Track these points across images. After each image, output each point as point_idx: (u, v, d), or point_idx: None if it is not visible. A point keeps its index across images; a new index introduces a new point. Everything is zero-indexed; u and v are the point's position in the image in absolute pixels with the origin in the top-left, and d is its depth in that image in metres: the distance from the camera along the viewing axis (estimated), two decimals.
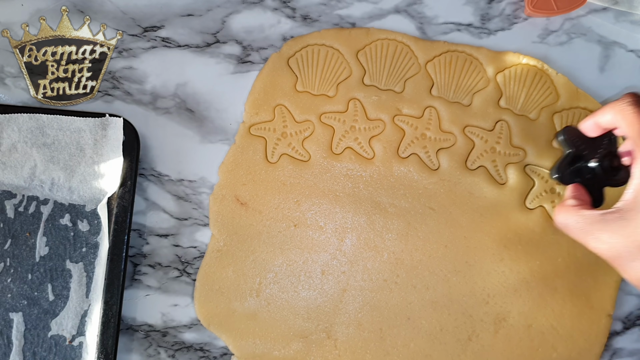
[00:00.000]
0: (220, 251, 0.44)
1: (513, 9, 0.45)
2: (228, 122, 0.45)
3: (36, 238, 0.42)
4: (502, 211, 0.43)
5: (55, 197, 0.43)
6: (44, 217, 0.43)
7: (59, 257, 0.42)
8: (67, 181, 0.42)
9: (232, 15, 0.45)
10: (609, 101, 0.44)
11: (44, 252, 0.42)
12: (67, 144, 0.42)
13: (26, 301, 0.42)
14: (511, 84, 0.44)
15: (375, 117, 0.44)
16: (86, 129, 0.42)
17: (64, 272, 0.42)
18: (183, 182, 0.44)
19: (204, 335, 0.44)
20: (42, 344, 0.42)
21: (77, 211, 0.43)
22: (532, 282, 0.43)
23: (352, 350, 0.43)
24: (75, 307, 0.42)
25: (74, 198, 0.43)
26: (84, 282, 0.42)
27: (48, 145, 0.42)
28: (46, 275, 0.42)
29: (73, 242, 0.43)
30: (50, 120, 0.42)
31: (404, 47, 0.44)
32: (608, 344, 0.44)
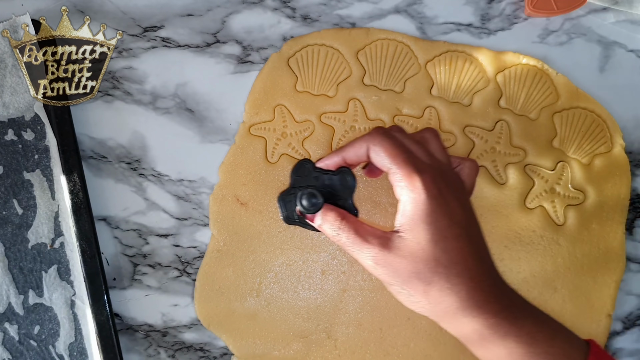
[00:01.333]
0: (220, 251, 0.44)
1: (513, 9, 0.45)
2: (228, 122, 0.45)
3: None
4: (502, 211, 0.43)
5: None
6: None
7: (14, 172, 0.43)
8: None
9: (232, 15, 0.45)
10: (609, 102, 0.44)
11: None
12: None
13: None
14: (511, 84, 0.44)
15: (375, 117, 0.44)
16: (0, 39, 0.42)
17: (24, 183, 0.43)
18: (183, 182, 0.44)
19: (204, 335, 0.44)
20: (26, 257, 0.43)
21: (17, 124, 0.43)
22: (532, 282, 0.43)
23: (352, 350, 0.43)
24: (46, 212, 0.43)
25: (11, 112, 0.43)
26: (46, 186, 0.43)
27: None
28: (8, 192, 0.43)
29: (23, 153, 0.43)
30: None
31: (404, 47, 0.44)
32: (608, 344, 0.44)
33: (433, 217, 0.32)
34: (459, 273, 0.31)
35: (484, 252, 0.33)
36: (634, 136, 0.44)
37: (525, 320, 0.32)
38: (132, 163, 0.44)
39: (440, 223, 0.32)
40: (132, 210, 0.44)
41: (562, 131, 0.44)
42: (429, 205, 0.32)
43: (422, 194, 0.32)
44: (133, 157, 0.44)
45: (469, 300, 0.31)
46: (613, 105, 0.44)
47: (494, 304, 0.32)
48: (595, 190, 0.43)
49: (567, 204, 0.43)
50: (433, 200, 0.32)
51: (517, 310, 0.32)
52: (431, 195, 0.32)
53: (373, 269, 0.33)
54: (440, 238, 0.32)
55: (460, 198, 0.33)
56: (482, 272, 0.32)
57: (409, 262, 0.32)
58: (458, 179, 0.35)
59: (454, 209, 0.32)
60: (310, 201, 0.36)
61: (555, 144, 0.44)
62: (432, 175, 0.32)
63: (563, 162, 0.44)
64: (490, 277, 0.33)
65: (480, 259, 0.32)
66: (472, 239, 0.33)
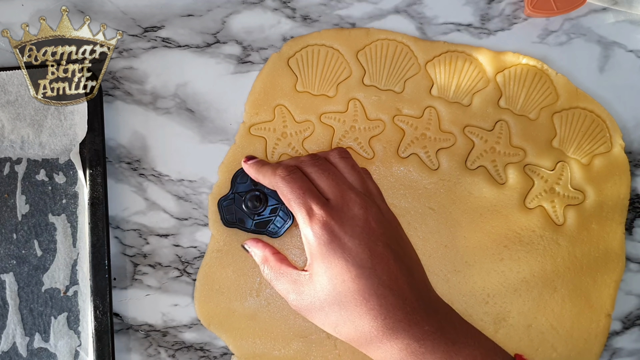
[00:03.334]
0: (221, 251, 0.44)
1: (513, 10, 0.45)
2: (228, 122, 0.45)
3: (15, 198, 0.43)
4: (502, 211, 0.43)
5: (27, 155, 0.43)
6: (20, 176, 0.43)
7: (40, 213, 0.43)
8: (36, 137, 0.42)
9: (232, 16, 0.45)
10: (609, 102, 0.44)
11: (25, 210, 0.43)
12: (30, 98, 0.42)
13: (15, 260, 0.43)
14: (511, 84, 0.44)
15: (375, 117, 0.44)
16: None
17: (48, 226, 0.43)
18: (183, 182, 0.44)
19: (204, 335, 0.44)
20: (38, 300, 0.43)
21: (51, 165, 0.43)
22: (532, 282, 0.43)
23: (352, 350, 0.43)
24: (65, 258, 0.43)
25: (46, 153, 0.43)
26: (69, 232, 0.43)
27: (12, 102, 0.42)
28: (31, 232, 0.43)
29: (52, 195, 0.43)
30: (10, 76, 0.42)
31: (403, 47, 0.44)
32: (608, 344, 0.44)
33: (327, 262, 0.33)
34: (361, 313, 0.32)
35: (401, 276, 0.33)
36: (633, 136, 0.45)
37: (460, 344, 0.32)
38: (132, 163, 0.45)
39: (335, 269, 0.33)
40: (133, 210, 0.44)
41: (561, 131, 0.44)
42: (321, 251, 0.33)
43: (314, 241, 0.34)
44: (133, 157, 0.44)
45: (381, 328, 0.32)
46: (613, 105, 0.44)
47: (418, 328, 0.32)
48: (595, 190, 0.43)
49: (566, 204, 0.43)
50: (323, 247, 0.33)
51: (451, 332, 0.33)
52: (322, 242, 0.33)
53: (291, 303, 0.36)
54: (338, 282, 0.33)
55: (356, 231, 0.33)
56: (394, 302, 0.32)
57: (316, 301, 0.34)
58: (370, 199, 0.36)
59: (350, 249, 0.33)
60: (254, 203, 0.41)
61: (555, 144, 0.44)
62: (324, 220, 0.33)
63: (563, 162, 0.44)
64: (408, 303, 0.32)
65: (392, 287, 0.32)
66: (377, 272, 0.33)
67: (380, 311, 0.32)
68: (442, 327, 0.33)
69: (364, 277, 0.32)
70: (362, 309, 0.32)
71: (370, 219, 0.34)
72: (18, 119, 0.42)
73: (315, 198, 0.35)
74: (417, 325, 0.32)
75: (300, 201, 0.35)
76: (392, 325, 0.32)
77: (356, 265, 0.33)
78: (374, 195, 0.38)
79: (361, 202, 0.35)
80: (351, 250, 0.33)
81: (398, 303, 0.32)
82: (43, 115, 0.42)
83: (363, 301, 0.32)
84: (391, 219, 0.37)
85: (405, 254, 0.35)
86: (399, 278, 0.33)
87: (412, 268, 0.34)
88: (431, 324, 0.32)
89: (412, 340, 0.32)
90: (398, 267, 0.33)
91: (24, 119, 0.42)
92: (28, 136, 0.42)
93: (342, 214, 0.34)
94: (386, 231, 0.35)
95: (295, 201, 0.35)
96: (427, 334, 0.32)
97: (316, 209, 0.34)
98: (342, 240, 0.33)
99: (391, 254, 0.34)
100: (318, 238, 0.34)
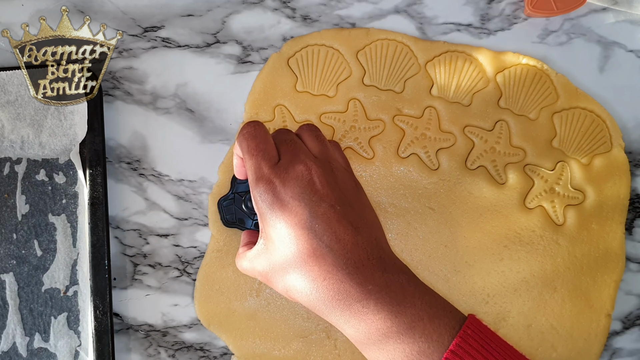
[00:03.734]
0: (221, 251, 0.44)
1: (513, 9, 0.45)
2: (228, 122, 0.45)
3: (15, 198, 0.43)
4: (502, 211, 0.43)
5: (27, 155, 0.43)
6: (20, 176, 0.43)
7: (40, 213, 0.43)
8: (36, 137, 0.42)
9: (232, 16, 0.45)
10: (609, 102, 0.44)
11: (24, 210, 0.43)
12: (30, 99, 0.42)
13: (15, 260, 0.43)
14: (511, 84, 0.44)
15: (375, 117, 0.44)
16: None
17: (48, 226, 0.43)
18: (183, 182, 0.44)
19: (204, 335, 0.44)
20: (37, 300, 0.43)
21: (51, 165, 0.43)
22: (531, 282, 0.43)
23: (352, 350, 0.43)
24: (65, 258, 0.43)
25: (46, 153, 0.43)
26: (69, 232, 0.43)
27: (12, 102, 0.42)
28: (31, 232, 0.43)
29: (52, 195, 0.43)
30: (10, 76, 0.42)
31: (403, 47, 0.44)
32: (608, 344, 0.44)
33: (272, 225, 0.33)
34: (303, 275, 0.32)
35: (345, 235, 0.32)
36: (633, 136, 0.45)
37: (407, 303, 0.31)
38: (132, 163, 0.45)
39: (278, 230, 0.33)
40: (132, 210, 0.44)
41: (561, 131, 0.44)
42: (265, 213, 0.33)
43: (259, 202, 0.33)
44: (133, 157, 0.44)
45: (322, 290, 0.31)
46: (613, 106, 0.44)
47: (360, 288, 0.31)
48: (595, 190, 0.43)
49: (566, 204, 0.43)
50: (267, 208, 0.33)
51: (398, 291, 0.31)
52: (265, 203, 0.33)
53: (258, 278, 0.36)
54: (281, 244, 0.33)
55: (296, 191, 0.32)
56: (334, 262, 0.31)
57: (268, 265, 0.34)
58: (322, 163, 0.35)
59: (290, 210, 0.32)
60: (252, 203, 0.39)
61: (555, 144, 0.44)
62: (268, 179, 0.33)
63: (563, 162, 0.44)
64: (351, 263, 0.31)
65: (332, 247, 0.31)
66: (317, 232, 0.32)
67: (320, 272, 0.31)
68: (388, 286, 0.31)
69: (304, 238, 0.32)
70: (303, 271, 0.32)
71: (315, 179, 0.33)
72: (18, 119, 0.42)
73: (267, 159, 0.34)
74: (360, 285, 0.31)
75: (252, 161, 0.34)
76: (332, 286, 0.31)
77: (296, 225, 0.32)
78: (333, 161, 0.36)
79: (308, 163, 0.34)
80: (292, 210, 0.32)
81: (338, 263, 0.31)
82: (43, 115, 0.42)
83: (302, 263, 0.32)
84: (345, 183, 0.36)
85: (355, 214, 0.33)
86: (342, 238, 0.32)
87: (360, 228, 0.33)
88: (375, 283, 0.31)
89: (353, 300, 0.31)
90: (342, 227, 0.32)
91: (24, 119, 0.42)
92: (28, 136, 0.42)
93: (286, 174, 0.33)
94: (334, 193, 0.33)
95: (248, 160, 0.34)
96: (371, 293, 0.31)
97: (265, 169, 0.34)
98: (284, 201, 0.32)
99: (335, 214, 0.32)
100: (263, 199, 0.33)
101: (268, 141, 0.35)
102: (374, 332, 0.31)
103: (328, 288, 0.31)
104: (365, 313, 0.31)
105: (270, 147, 0.35)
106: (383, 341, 0.31)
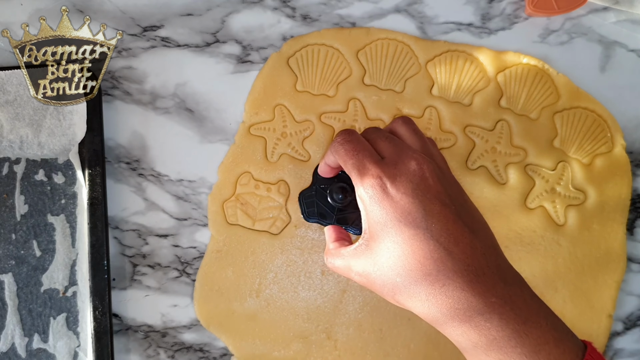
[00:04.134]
0: (220, 251, 0.44)
1: (513, 9, 0.45)
2: (228, 122, 0.44)
3: (14, 198, 0.43)
4: (503, 211, 0.43)
5: (26, 155, 0.43)
6: (19, 176, 0.43)
7: (39, 213, 0.43)
8: (35, 137, 0.42)
9: (231, 15, 0.45)
10: (611, 101, 0.44)
11: (23, 210, 0.43)
12: (29, 98, 0.42)
13: (14, 261, 0.43)
14: (512, 83, 0.44)
15: (376, 117, 0.44)
16: None
17: (47, 226, 0.43)
18: (183, 182, 0.44)
19: (204, 335, 0.44)
20: (37, 300, 0.43)
21: (50, 165, 0.43)
22: (532, 283, 0.43)
23: (352, 351, 0.43)
24: (64, 258, 0.43)
25: (45, 153, 0.43)
26: (67, 233, 0.43)
27: (10, 102, 0.42)
28: (29, 232, 0.43)
29: (51, 195, 0.43)
30: (9, 76, 0.42)
31: (404, 47, 0.44)
32: (609, 345, 0.44)
33: (380, 224, 0.30)
34: (417, 279, 0.29)
35: (463, 238, 0.29)
36: (634, 136, 0.44)
37: (532, 323, 0.28)
38: (131, 163, 0.44)
39: (387, 230, 0.30)
40: (132, 211, 0.44)
41: (562, 131, 0.44)
42: (373, 211, 0.30)
43: (366, 200, 0.31)
44: (132, 157, 0.44)
45: (440, 297, 0.29)
46: (614, 105, 0.44)
47: (483, 299, 0.28)
48: (596, 190, 0.43)
49: (567, 204, 0.43)
50: (375, 206, 0.30)
51: (522, 308, 0.29)
52: (373, 200, 0.30)
53: (354, 280, 0.34)
54: (391, 245, 0.30)
55: (409, 188, 0.30)
56: (453, 267, 0.28)
57: (372, 269, 0.31)
58: (429, 158, 0.32)
59: (402, 208, 0.29)
60: (341, 195, 0.38)
61: (556, 144, 0.44)
62: (375, 176, 0.31)
63: (564, 162, 0.43)
64: (472, 270, 0.28)
65: (451, 250, 0.29)
66: (433, 233, 0.29)
67: (438, 277, 0.28)
68: (512, 301, 0.28)
69: (419, 239, 0.29)
70: (418, 275, 0.29)
71: (427, 175, 0.30)
72: (17, 118, 0.42)
73: (370, 156, 0.32)
74: (481, 295, 0.28)
75: (354, 161, 0.32)
76: (451, 293, 0.28)
77: (409, 225, 0.29)
78: (436, 157, 0.34)
79: (418, 158, 0.31)
80: (404, 209, 0.29)
81: (459, 269, 0.28)
82: (42, 115, 0.42)
83: (418, 265, 0.29)
84: (453, 181, 0.33)
85: (469, 215, 0.31)
86: (460, 240, 0.29)
87: (476, 230, 0.30)
88: (499, 296, 0.28)
89: (475, 312, 0.28)
90: (459, 228, 0.29)
91: (22, 118, 0.42)
92: (27, 136, 0.42)
93: (395, 170, 0.31)
94: (446, 189, 0.31)
95: (349, 161, 0.32)
96: (494, 307, 0.28)
97: (370, 165, 0.31)
98: (395, 198, 0.30)
99: (451, 213, 0.29)
100: (369, 196, 0.30)
101: (365, 142, 0.33)
102: (494, 349, 0.28)
103: (447, 296, 0.28)
104: (487, 328, 0.28)
105: (369, 147, 0.33)
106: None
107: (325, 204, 0.40)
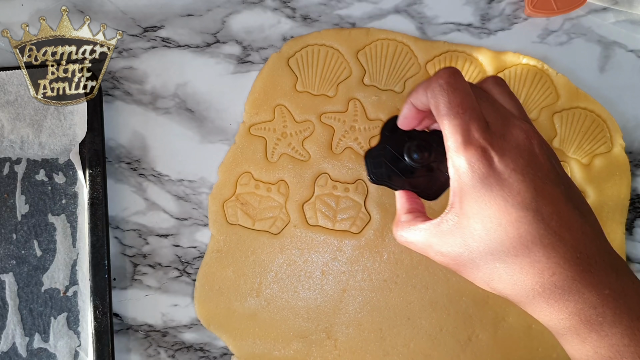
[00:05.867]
0: (220, 251, 0.44)
1: (513, 9, 0.45)
2: (228, 122, 0.45)
3: (15, 198, 0.43)
4: None
5: (27, 155, 0.43)
6: (20, 176, 0.43)
7: (40, 213, 0.43)
8: (36, 137, 0.42)
9: (232, 16, 0.45)
10: (610, 101, 0.44)
11: (24, 210, 0.43)
12: (30, 98, 0.42)
13: (15, 261, 0.43)
14: (511, 84, 0.44)
15: (375, 117, 0.44)
16: None
17: (48, 226, 0.43)
18: (183, 182, 0.44)
19: (204, 335, 0.44)
20: (37, 300, 0.43)
21: (51, 165, 0.43)
22: None
23: (352, 351, 0.43)
24: (64, 258, 0.43)
25: (46, 153, 0.43)
26: (68, 232, 0.43)
27: (11, 102, 0.42)
28: (30, 232, 0.43)
29: (52, 195, 0.43)
30: (10, 76, 0.42)
31: (404, 47, 0.44)
32: None
33: (481, 201, 0.27)
34: (523, 266, 0.26)
35: (575, 222, 0.26)
36: (634, 136, 0.44)
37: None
38: (132, 163, 0.44)
39: (490, 209, 0.27)
40: (132, 211, 0.44)
41: (562, 131, 0.44)
42: (475, 187, 0.27)
43: (467, 173, 0.27)
44: (133, 157, 0.44)
45: (548, 286, 0.26)
46: (613, 105, 0.44)
47: (595, 290, 0.26)
48: (596, 190, 0.43)
49: None
50: (478, 181, 0.27)
51: (636, 301, 0.26)
52: (477, 175, 0.27)
53: (435, 259, 0.30)
54: (493, 226, 0.27)
55: (519, 164, 0.27)
56: (565, 255, 0.26)
57: (464, 250, 0.28)
58: (527, 135, 0.28)
59: (511, 186, 0.26)
60: (421, 154, 0.33)
61: (556, 144, 0.44)
62: (483, 147, 0.27)
63: (563, 162, 0.44)
64: (584, 258, 0.26)
65: (562, 235, 0.26)
66: (544, 215, 0.26)
67: (548, 265, 0.26)
68: (626, 294, 0.26)
69: (527, 222, 0.26)
70: (524, 261, 0.26)
71: (537, 150, 0.27)
72: (18, 119, 0.42)
73: (477, 119, 0.27)
74: (594, 287, 0.26)
75: (458, 121, 0.27)
76: (562, 283, 0.26)
77: (517, 206, 0.26)
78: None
79: (528, 130, 0.28)
80: (512, 187, 0.26)
81: (571, 257, 0.26)
82: (43, 115, 0.42)
83: (525, 251, 0.26)
84: (557, 158, 0.29)
85: (577, 196, 0.28)
86: (573, 225, 0.26)
87: (585, 213, 0.27)
88: (612, 288, 0.26)
89: (586, 305, 0.26)
90: (569, 210, 0.26)
91: (23, 119, 0.42)
92: (28, 136, 0.42)
93: (503, 143, 0.27)
94: (555, 167, 0.28)
95: (452, 119, 0.27)
96: (607, 300, 0.25)
97: (476, 133, 0.27)
98: (502, 175, 0.26)
99: (561, 195, 0.27)
100: (473, 170, 0.27)
101: (474, 98, 0.28)
102: (604, 346, 0.26)
103: (556, 285, 0.26)
104: (599, 323, 0.26)
105: (477, 106, 0.28)
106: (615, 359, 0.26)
107: (395, 165, 0.34)
